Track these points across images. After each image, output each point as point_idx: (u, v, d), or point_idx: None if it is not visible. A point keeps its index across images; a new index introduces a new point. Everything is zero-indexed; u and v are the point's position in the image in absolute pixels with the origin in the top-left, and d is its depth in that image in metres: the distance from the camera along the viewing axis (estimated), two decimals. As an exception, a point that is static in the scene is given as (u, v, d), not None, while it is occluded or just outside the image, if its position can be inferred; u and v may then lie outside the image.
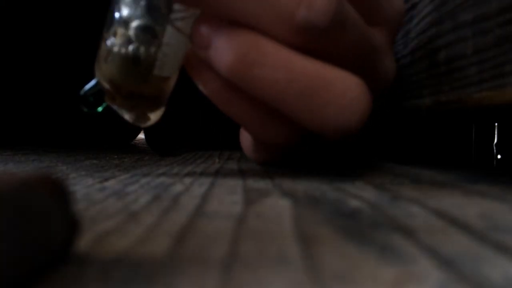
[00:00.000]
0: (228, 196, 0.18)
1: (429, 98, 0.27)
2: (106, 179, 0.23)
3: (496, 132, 0.43)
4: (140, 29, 0.22)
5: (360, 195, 0.18)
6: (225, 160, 0.36)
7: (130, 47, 0.22)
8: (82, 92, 0.23)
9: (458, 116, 0.33)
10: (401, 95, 0.32)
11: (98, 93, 0.23)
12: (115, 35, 0.22)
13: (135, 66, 0.22)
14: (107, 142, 0.70)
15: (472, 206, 0.16)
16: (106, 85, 0.22)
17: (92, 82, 0.23)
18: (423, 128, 0.43)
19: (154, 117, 0.24)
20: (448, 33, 0.24)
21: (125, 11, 0.22)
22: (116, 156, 0.40)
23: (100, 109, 0.23)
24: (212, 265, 0.10)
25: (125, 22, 0.22)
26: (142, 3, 0.22)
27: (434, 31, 0.26)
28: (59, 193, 0.10)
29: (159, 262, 0.10)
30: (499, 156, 0.43)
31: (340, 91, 0.21)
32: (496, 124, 0.43)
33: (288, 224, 0.13)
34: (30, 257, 0.09)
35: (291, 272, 0.09)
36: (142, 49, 0.22)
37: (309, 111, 0.21)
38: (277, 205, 0.16)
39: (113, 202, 0.17)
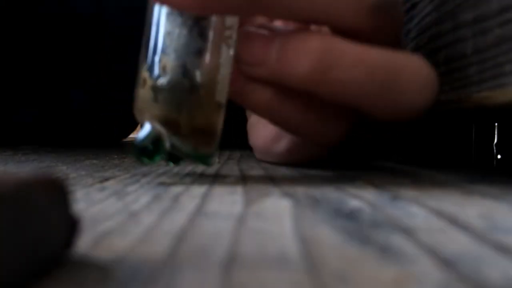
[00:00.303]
0: (228, 196, 0.18)
1: (429, 98, 0.27)
2: (106, 179, 0.23)
3: (496, 132, 0.43)
4: (194, 54, 0.20)
5: (360, 195, 0.18)
6: (225, 160, 0.36)
7: (186, 77, 0.20)
8: (138, 142, 0.20)
9: (458, 116, 0.33)
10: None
11: (155, 139, 0.20)
12: (162, 68, 0.20)
13: (194, 95, 0.20)
14: (97, 140, 0.70)
15: (472, 206, 0.16)
16: (161, 127, 0.20)
17: (145, 129, 0.20)
18: (423, 128, 0.43)
19: (214, 149, 0.22)
20: (448, 33, 0.24)
21: (170, 40, 0.20)
22: (116, 156, 0.40)
23: (158, 158, 0.20)
24: (212, 265, 0.10)
25: (175, 50, 0.20)
26: (191, 25, 0.20)
27: (434, 31, 0.26)
28: (59, 193, 0.10)
29: (159, 262, 0.10)
30: (499, 156, 0.43)
31: (414, 71, 0.21)
32: (496, 124, 0.43)
33: (288, 224, 0.13)
34: (30, 257, 0.09)
35: (291, 272, 0.09)
36: (199, 76, 0.20)
37: (389, 100, 0.21)
38: (277, 205, 0.16)
39: (113, 202, 0.17)
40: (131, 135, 0.87)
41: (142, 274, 0.09)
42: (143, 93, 0.21)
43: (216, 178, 0.24)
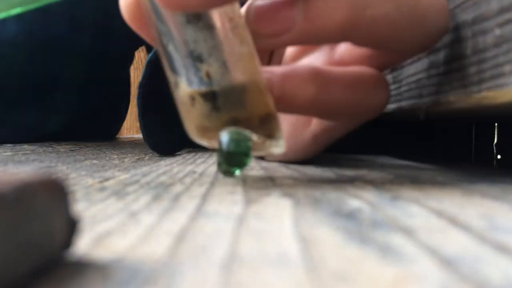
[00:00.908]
0: (228, 196, 0.18)
1: (429, 98, 0.27)
2: (106, 179, 0.23)
3: (496, 132, 0.43)
4: (228, 50, 0.20)
5: (360, 195, 0.18)
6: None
7: (232, 73, 0.20)
8: (224, 153, 0.20)
9: (458, 116, 0.33)
10: (401, 95, 0.32)
11: (239, 142, 0.20)
12: (206, 76, 0.20)
13: (248, 87, 0.20)
14: (88, 137, 0.71)
15: (472, 206, 0.16)
16: (237, 128, 0.20)
17: (224, 139, 0.20)
18: (423, 128, 0.43)
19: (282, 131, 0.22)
20: (448, 33, 0.24)
21: (200, 47, 0.19)
22: (116, 156, 0.40)
23: (249, 160, 0.20)
24: (212, 265, 0.10)
25: (209, 54, 0.20)
26: (211, 25, 0.19)
27: (434, 31, 0.26)
28: (59, 193, 0.10)
29: (159, 262, 0.10)
30: (499, 156, 0.43)
31: None
32: (496, 124, 0.43)
33: (288, 224, 0.13)
34: (30, 257, 0.09)
35: (291, 272, 0.09)
36: (244, 68, 0.20)
37: (416, 28, 0.22)
38: (277, 205, 0.16)
39: (113, 202, 0.17)
40: (138, 136, 0.88)
41: (142, 274, 0.09)
42: (195, 111, 0.20)
43: (216, 178, 0.24)
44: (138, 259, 0.10)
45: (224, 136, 0.20)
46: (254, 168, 0.29)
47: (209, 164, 0.32)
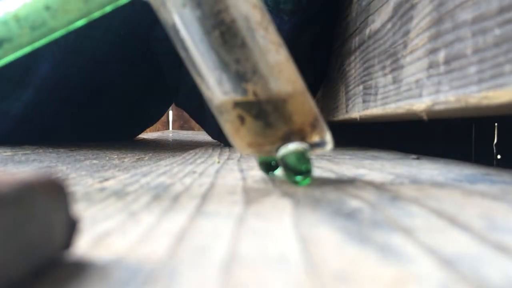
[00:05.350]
0: (228, 196, 0.18)
1: (428, 98, 0.27)
2: (106, 179, 0.23)
3: (496, 132, 0.43)
4: (264, 61, 0.20)
5: (360, 195, 0.18)
6: (225, 160, 0.36)
7: (274, 85, 0.20)
8: (290, 168, 0.20)
9: (458, 116, 0.33)
10: (401, 95, 0.32)
11: (300, 155, 0.20)
12: (254, 95, 0.19)
13: (293, 93, 0.20)
14: (111, 138, 0.73)
15: (472, 206, 0.16)
16: (293, 142, 0.20)
17: (287, 151, 0.20)
18: (423, 128, 0.43)
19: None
20: (448, 33, 0.24)
21: (242, 67, 0.19)
22: (116, 156, 0.40)
23: (311, 166, 0.21)
24: (212, 265, 0.10)
25: (253, 72, 0.19)
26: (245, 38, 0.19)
27: (434, 31, 0.26)
28: (59, 193, 0.10)
29: (159, 262, 0.10)
30: (499, 156, 0.43)
31: None
32: (496, 124, 0.43)
33: (288, 224, 0.13)
34: (30, 257, 0.09)
35: (291, 272, 0.09)
36: (280, 74, 0.20)
37: None
38: (277, 205, 0.16)
39: (113, 202, 0.17)
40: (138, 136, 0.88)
41: (142, 274, 0.09)
42: (247, 130, 0.20)
43: (216, 178, 0.24)
44: (138, 259, 0.10)
45: (285, 150, 0.20)
46: (254, 168, 0.29)
47: (209, 164, 0.32)
